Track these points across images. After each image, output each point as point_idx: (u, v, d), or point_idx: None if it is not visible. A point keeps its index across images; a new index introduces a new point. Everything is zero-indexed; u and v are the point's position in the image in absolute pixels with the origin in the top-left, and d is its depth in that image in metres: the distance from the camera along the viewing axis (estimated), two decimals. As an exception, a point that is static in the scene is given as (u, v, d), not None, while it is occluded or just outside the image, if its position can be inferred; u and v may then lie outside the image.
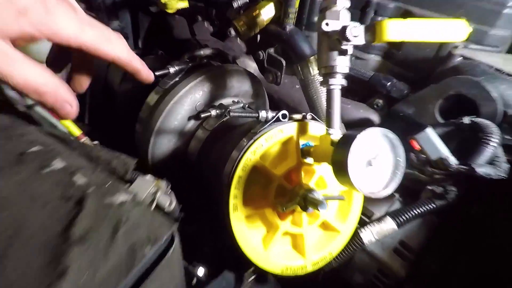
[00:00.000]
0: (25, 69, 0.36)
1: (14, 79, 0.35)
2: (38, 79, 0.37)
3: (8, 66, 0.35)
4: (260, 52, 0.92)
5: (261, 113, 0.62)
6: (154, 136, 0.78)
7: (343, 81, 0.57)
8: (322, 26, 0.53)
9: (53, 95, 0.38)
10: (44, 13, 0.35)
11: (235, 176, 0.59)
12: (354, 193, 0.71)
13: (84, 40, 0.39)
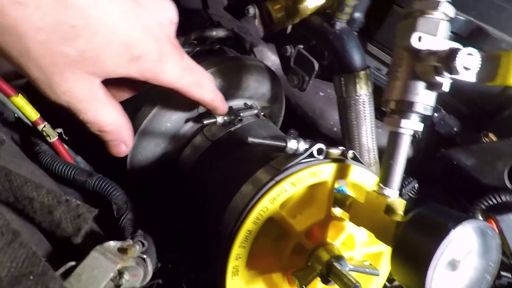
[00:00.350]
0: (100, 109, 0.36)
1: (86, 116, 0.35)
2: (107, 119, 0.37)
3: (87, 104, 0.35)
4: (288, 46, 0.73)
5: (290, 143, 0.45)
6: (138, 137, 0.59)
7: (420, 126, 0.39)
8: (411, 40, 0.35)
9: (114, 134, 0.39)
10: (156, 61, 0.36)
11: (242, 230, 0.41)
12: (384, 257, 0.55)
13: (180, 86, 0.41)
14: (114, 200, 0.55)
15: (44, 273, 0.22)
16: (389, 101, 0.40)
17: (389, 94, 0.40)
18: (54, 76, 0.31)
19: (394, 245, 0.34)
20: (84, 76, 0.32)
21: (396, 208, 0.40)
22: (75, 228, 0.28)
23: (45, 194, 0.28)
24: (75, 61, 0.31)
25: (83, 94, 0.33)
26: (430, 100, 0.38)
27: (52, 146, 0.61)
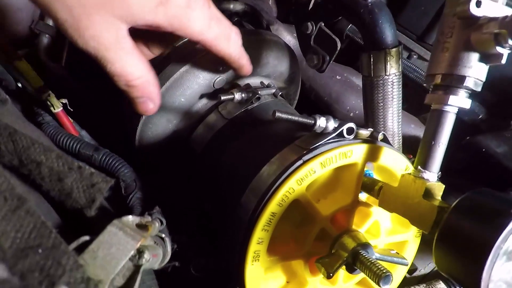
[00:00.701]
0: (127, 59, 0.35)
1: (113, 66, 0.35)
2: (134, 72, 0.36)
3: (114, 53, 0.34)
4: (310, 23, 0.68)
5: (319, 120, 0.41)
6: (148, 112, 0.55)
7: (468, 103, 0.36)
8: (470, 6, 0.31)
9: (142, 90, 0.38)
10: (183, 7, 0.35)
11: (266, 212, 0.38)
12: (408, 246, 0.52)
13: (206, 37, 0.39)
14: (122, 177, 0.51)
15: (56, 246, 0.19)
16: (434, 76, 0.36)
17: (435, 67, 0.36)
18: (82, 18, 0.30)
19: (440, 232, 0.31)
20: (111, 20, 0.31)
21: (435, 193, 0.37)
22: (89, 199, 0.24)
23: (54, 159, 0.24)
24: (103, 2, 0.30)
25: (110, 40, 0.32)
26: (482, 74, 0.34)
27: (56, 118, 0.57)
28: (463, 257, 0.28)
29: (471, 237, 0.28)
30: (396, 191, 0.40)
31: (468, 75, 0.34)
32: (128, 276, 0.22)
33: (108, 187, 0.25)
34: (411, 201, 0.37)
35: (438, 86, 0.36)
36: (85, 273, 0.18)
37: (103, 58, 0.33)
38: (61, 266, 0.18)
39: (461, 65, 0.34)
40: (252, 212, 0.38)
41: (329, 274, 0.38)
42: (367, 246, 0.42)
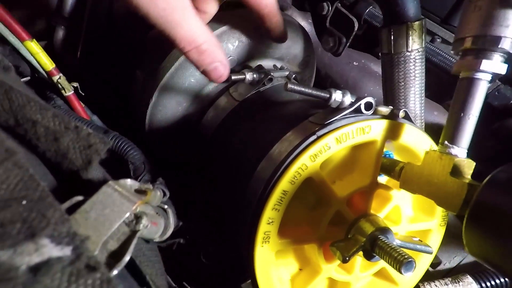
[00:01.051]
0: (194, 22, 0.35)
1: (182, 31, 0.34)
2: (202, 35, 0.36)
3: (180, 13, 0.33)
4: (325, 3, 0.65)
5: (335, 93, 0.38)
6: (158, 93, 0.54)
7: (503, 68, 0.32)
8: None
9: (211, 55, 0.38)
10: None
11: (277, 190, 0.35)
12: (432, 236, 0.48)
13: None
14: (131, 159, 0.50)
15: (42, 199, 0.17)
16: (464, 39, 0.32)
17: (465, 30, 0.32)
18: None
19: (471, 209, 0.28)
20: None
21: (464, 170, 0.33)
22: (85, 160, 0.22)
23: (50, 118, 0.23)
24: None
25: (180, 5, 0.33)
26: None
27: (68, 102, 0.57)
28: (499, 236, 0.25)
29: (508, 213, 0.24)
30: (420, 169, 0.36)
31: (504, 35, 0.30)
32: (123, 241, 0.20)
33: (106, 148, 0.23)
34: (437, 179, 0.34)
35: (468, 51, 0.33)
36: (71, 228, 0.16)
37: (172, 22, 0.33)
38: (45, 218, 0.16)
39: (496, 24, 0.30)
40: (262, 190, 0.36)
41: (345, 258, 0.35)
42: (387, 231, 0.39)
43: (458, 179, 0.32)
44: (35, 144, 0.23)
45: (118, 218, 0.20)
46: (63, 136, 0.23)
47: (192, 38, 0.35)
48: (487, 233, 0.26)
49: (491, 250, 0.26)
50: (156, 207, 0.27)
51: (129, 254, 0.19)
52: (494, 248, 0.25)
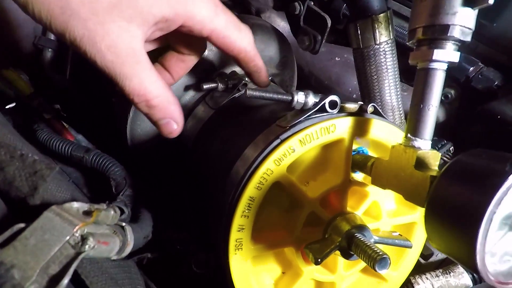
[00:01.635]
0: (145, 75, 0.34)
1: (131, 83, 0.33)
2: (154, 90, 0.34)
3: (131, 67, 0.32)
4: (297, 3, 0.65)
5: (297, 95, 0.38)
6: (134, 109, 0.54)
7: (456, 56, 0.31)
8: None
9: (163, 110, 0.36)
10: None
11: (243, 197, 0.36)
12: (417, 229, 0.47)
13: (216, 25, 0.37)
14: (113, 176, 0.51)
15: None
16: (416, 30, 0.32)
17: (415, 21, 0.32)
18: (97, 28, 0.30)
19: (428, 201, 0.27)
20: (124, 25, 0.31)
21: (429, 162, 0.33)
22: (31, 186, 0.23)
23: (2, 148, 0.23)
24: (112, 7, 0.30)
25: (126, 52, 0.32)
26: (469, 20, 0.30)
27: (50, 123, 0.58)
28: (453, 228, 0.24)
29: (462, 203, 0.24)
30: (388, 164, 0.36)
31: (452, 23, 0.30)
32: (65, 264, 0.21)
33: (52, 173, 0.24)
34: (403, 173, 0.33)
35: (421, 41, 0.32)
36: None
37: (120, 74, 0.32)
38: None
39: (443, 12, 0.30)
40: (231, 198, 0.36)
41: (317, 260, 0.35)
42: (363, 228, 0.38)
43: (423, 171, 0.32)
44: (-15, 175, 0.24)
45: (58, 242, 0.20)
46: (9, 165, 0.23)
47: (142, 92, 0.33)
48: (442, 225, 0.25)
49: (447, 242, 0.25)
50: (114, 226, 0.28)
51: (68, 277, 0.20)
52: (449, 241, 0.25)
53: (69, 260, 0.21)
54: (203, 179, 0.54)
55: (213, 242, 0.41)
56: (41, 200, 0.24)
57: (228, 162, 0.42)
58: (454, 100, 0.69)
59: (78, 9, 0.29)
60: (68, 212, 0.22)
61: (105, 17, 0.30)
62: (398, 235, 0.41)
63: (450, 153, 0.58)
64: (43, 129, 0.57)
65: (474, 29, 0.31)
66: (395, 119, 0.53)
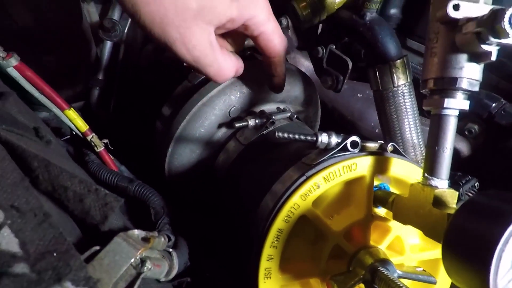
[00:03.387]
0: (220, 60, 0.43)
1: (212, 69, 0.43)
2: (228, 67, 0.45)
3: (211, 56, 0.42)
4: (320, 47, 0.71)
5: (321, 136, 0.42)
6: (174, 144, 0.61)
7: (465, 104, 0.35)
8: (448, 9, 0.32)
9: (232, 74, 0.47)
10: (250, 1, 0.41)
11: (273, 229, 0.39)
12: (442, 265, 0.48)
13: (266, 29, 0.45)
14: (152, 204, 0.57)
15: (67, 251, 0.23)
16: (427, 81, 0.36)
17: (427, 73, 0.36)
18: (186, 32, 0.38)
19: (444, 238, 0.30)
20: (204, 26, 0.39)
21: (447, 200, 0.35)
22: (102, 215, 0.28)
23: (77, 183, 0.29)
24: (197, 13, 0.38)
25: (206, 45, 0.40)
26: (476, 73, 0.34)
27: (99, 155, 0.65)
28: (467, 265, 0.27)
29: (473, 241, 0.26)
30: (407, 201, 0.39)
31: (459, 76, 0.33)
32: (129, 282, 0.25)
33: (118, 205, 0.29)
34: (422, 210, 0.36)
35: (433, 91, 0.36)
36: (87, 273, 0.21)
37: (204, 64, 0.42)
38: (68, 266, 0.22)
39: (451, 67, 0.34)
40: (261, 229, 0.40)
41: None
42: (387, 262, 0.40)
43: (441, 209, 0.34)
44: (66, 205, 0.30)
45: (125, 263, 0.25)
46: (86, 197, 0.29)
47: (221, 74, 0.44)
48: (457, 259, 0.28)
49: (462, 277, 0.27)
50: (162, 251, 0.32)
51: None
52: (464, 275, 0.27)
53: (132, 279, 0.25)
54: (233, 211, 0.58)
55: (243, 270, 0.45)
56: (109, 227, 0.29)
57: (258, 195, 0.46)
58: (478, 135, 0.71)
59: (173, 18, 0.37)
60: (131, 238, 0.27)
61: (191, 22, 0.38)
62: (422, 271, 0.43)
63: (475, 189, 0.59)
64: (93, 161, 0.65)
65: (481, 80, 0.34)
66: (417, 155, 0.56)
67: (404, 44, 0.80)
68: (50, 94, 0.59)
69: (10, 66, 0.51)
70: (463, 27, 0.32)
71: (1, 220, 0.21)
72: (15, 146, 0.28)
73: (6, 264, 0.19)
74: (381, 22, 0.53)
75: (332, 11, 0.56)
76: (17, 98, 0.42)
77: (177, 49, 0.40)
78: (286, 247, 0.41)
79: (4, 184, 0.24)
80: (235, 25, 0.42)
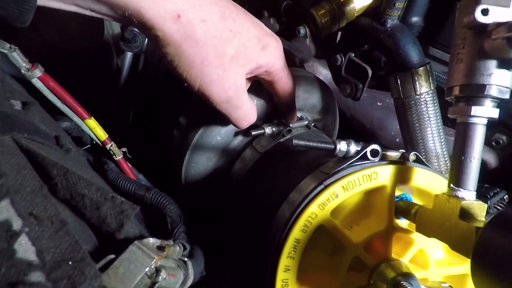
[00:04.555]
0: (248, 105, 0.48)
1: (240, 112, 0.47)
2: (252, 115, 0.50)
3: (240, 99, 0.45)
4: (339, 55, 0.70)
5: (340, 144, 0.41)
6: (190, 152, 0.61)
7: (495, 112, 0.33)
8: (475, 14, 0.31)
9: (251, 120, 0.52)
10: (275, 47, 0.46)
11: (290, 239, 0.38)
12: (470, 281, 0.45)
13: (282, 75, 0.50)
14: (169, 213, 0.56)
15: (82, 259, 0.23)
16: (453, 88, 0.34)
17: (452, 80, 0.35)
18: (223, 73, 0.42)
19: (473, 253, 0.28)
20: (238, 70, 0.43)
21: (474, 213, 0.33)
22: (118, 223, 0.28)
23: (94, 191, 0.30)
24: (233, 57, 0.42)
25: (238, 87, 0.44)
26: (506, 80, 0.32)
27: (118, 164, 0.66)
28: (498, 280, 0.25)
29: (505, 257, 0.25)
30: (432, 213, 0.37)
31: (488, 83, 0.32)
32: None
33: (134, 213, 0.29)
34: (448, 223, 0.34)
35: (459, 98, 0.34)
36: (102, 282, 0.21)
37: (235, 107, 0.45)
38: (83, 275, 0.21)
39: (479, 73, 0.32)
40: (278, 239, 0.39)
41: (362, 305, 0.35)
42: (410, 276, 0.38)
43: (468, 222, 0.32)
44: (84, 212, 0.30)
45: (140, 272, 0.25)
46: (103, 205, 0.29)
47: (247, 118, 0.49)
48: (487, 274, 0.26)
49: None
50: (177, 260, 0.32)
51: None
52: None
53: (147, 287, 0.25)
54: (249, 219, 0.57)
55: (259, 282, 0.44)
56: (125, 235, 0.29)
57: (274, 204, 0.45)
58: (506, 146, 0.67)
59: (212, 60, 0.40)
60: (146, 246, 0.27)
61: (228, 65, 0.42)
62: (448, 287, 0.40)
63: (504, 202, 0.55)
64: (112, 170, 0.66)
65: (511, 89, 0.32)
66: (440, 165, 0.53)
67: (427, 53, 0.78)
68: (72, 104, 0.61)
69: (35, 77, 0.53)
70: (493, 32, 0.30)
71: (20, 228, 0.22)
72: (36, 154, 0.29)
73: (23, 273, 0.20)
74: (402, 29, 0.52)
75: (351, 18, 0.55)
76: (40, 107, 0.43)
77: (212, 89, 0.42)
78: (304, 258, 0.40)
79: (23, 192, 0.24)
80: (261, 71, 0.46)
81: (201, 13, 0.37)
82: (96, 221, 0.29)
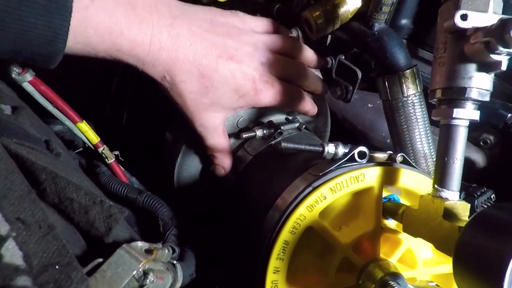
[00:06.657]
0: (218, 139, 0.55)
1: (209, 142, 0.55)
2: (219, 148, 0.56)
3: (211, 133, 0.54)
4: (329, 58, 0.71)
5: (328, 146, 0.42)
6: (183, 155, 0.61)
7: (476, 114, 0.34)
8: (455, 19, 0.31)
9: (220, 160, 0.57)
10: (253, 95, 0.52)
11: (279, 240, 0.39)
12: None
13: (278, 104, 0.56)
14: (161, 216, 0.57)
15: (69, 263, 0.23)
16: (435, 91, 0.35)
17: (434, 83, 0.35)
18: (197, 115, 0.51)
19: (455, 251, 0.29)
20: (212, 114, 0.52)
21: (458, 213, 0.34)
22: (107, 227, 0.29)
23: (83, 195, 0.30)
24: (208, 106, 0.51)
25: (213, 126, 0.53)
26: (485, 83, 0.33)
27: (110, 167, 0.66)
28: (477, 280, 0.25)
29: (484, 256, 0.25)
30: (417, 213, 0.37)
31: (469, 86, 0.33)
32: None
33: (122, 216, 0.29)
34: (432, 223, 0.35)
35: (441, 101, 0.35)
36: (89, 286, 0.22)
37: (204, 136, 0.54)
38: (70, 279, 0.22)
39: (460, 77, 0.33)
40: (267, 241, 0.40)
41: (350, 305, 0.36)
42: (398, 276, 0.39)
43: (452, 221, 0.33)
44: (72, 217, 0.30)
45: (128, 275, 0.25)
46: (92, 209, 0.29)
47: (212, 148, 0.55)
48: (469, 276, 0.26)
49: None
50: (166, 263, 0.32)
51: (134, 306, 0.24)
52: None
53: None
54: (241, 221, 0.58)
55: (249, 283, 0.44)
56: (113, 239, 0.30)
57: (264, 206, 0.45)
58: (494, 146, 0.68)
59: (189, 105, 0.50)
60: (134, 250, 0.27)
61: (203, 111, 0.51)
62: (435, 286, 0.41)
63: (491, 201, 0.56)
64: (104, 173, 0.66)
65: (491, 90, 0.33)
66: (428, 166, 0.54)
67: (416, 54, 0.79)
68: (63, 108, 0.61)
69: (25, 81, 0.53)
70: (472, 36, 0.31)
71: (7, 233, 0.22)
72: (25, 159, 0.29)
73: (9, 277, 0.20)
74: (389, 33, 0.52)
75: (345, 20, 0.56)
76: (30, 111, 0.43)
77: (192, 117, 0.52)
78: (293, 260, 0.41)
79: (11, 197, 0.24)
80: (246, 107, 0.56)
81: (181, 76, 0.47)
82: (85, 225, 0.29)
